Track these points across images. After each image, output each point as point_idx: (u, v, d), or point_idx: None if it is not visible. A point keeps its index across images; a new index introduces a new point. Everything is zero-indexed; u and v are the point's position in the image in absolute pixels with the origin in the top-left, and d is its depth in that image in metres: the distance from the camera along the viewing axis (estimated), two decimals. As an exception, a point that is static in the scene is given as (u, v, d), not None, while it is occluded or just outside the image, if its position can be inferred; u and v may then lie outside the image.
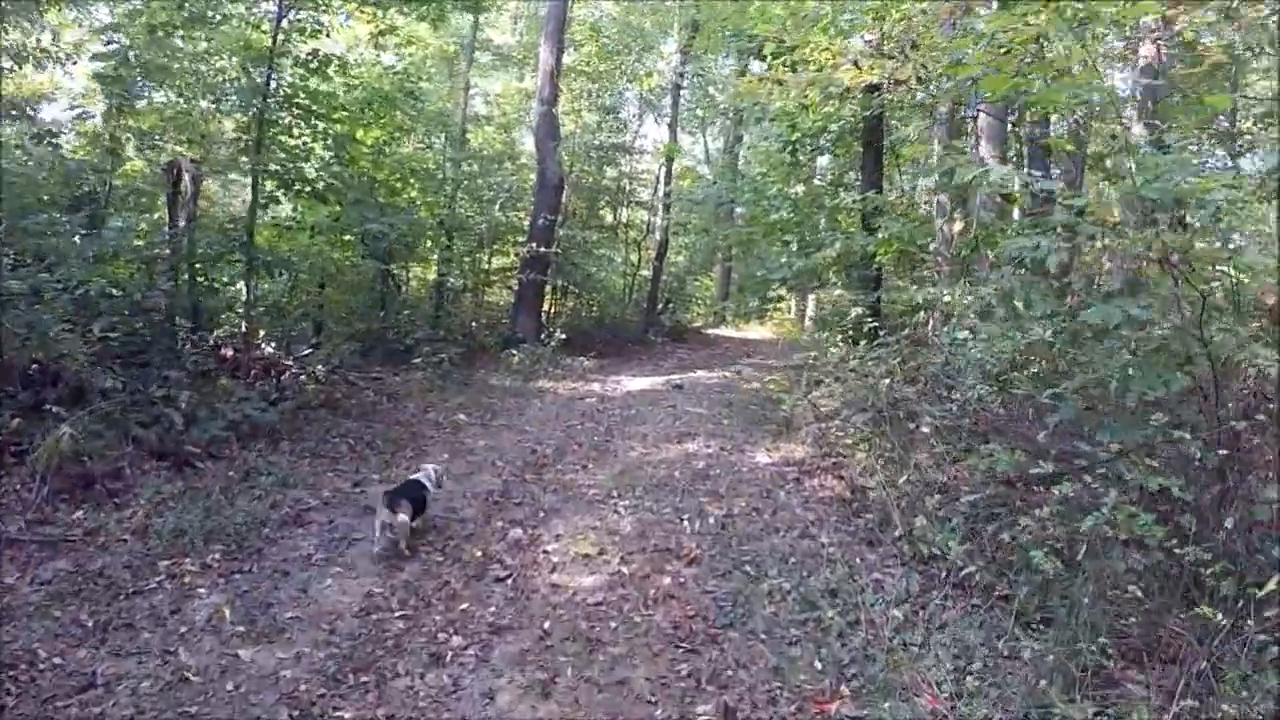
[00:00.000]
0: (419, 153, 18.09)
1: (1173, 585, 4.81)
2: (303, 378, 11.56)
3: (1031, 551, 4.95)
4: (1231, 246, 5.07)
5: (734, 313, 27.48)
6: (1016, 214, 12.13)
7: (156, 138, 11.86)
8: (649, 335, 21.57)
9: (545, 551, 6.72)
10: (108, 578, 5.90)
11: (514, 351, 15.38)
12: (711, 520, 7.36)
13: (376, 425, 10.44)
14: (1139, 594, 4.57)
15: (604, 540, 6.93)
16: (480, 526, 7.32)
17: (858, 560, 6.36)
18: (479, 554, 6.67)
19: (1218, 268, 5.44)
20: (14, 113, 11.83)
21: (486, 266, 20.96)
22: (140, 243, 10.82)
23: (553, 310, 20.62)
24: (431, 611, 5.74)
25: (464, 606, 5.79)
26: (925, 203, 16.13)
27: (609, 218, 24.63)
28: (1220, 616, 4.30)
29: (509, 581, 6.18)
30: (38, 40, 12.85)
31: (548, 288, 19.45)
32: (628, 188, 24.69)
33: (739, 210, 22.21)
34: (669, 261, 25.76)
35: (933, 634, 5.20)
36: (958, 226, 9.64)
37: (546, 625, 5.53)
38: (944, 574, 5.86)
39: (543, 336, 16.35)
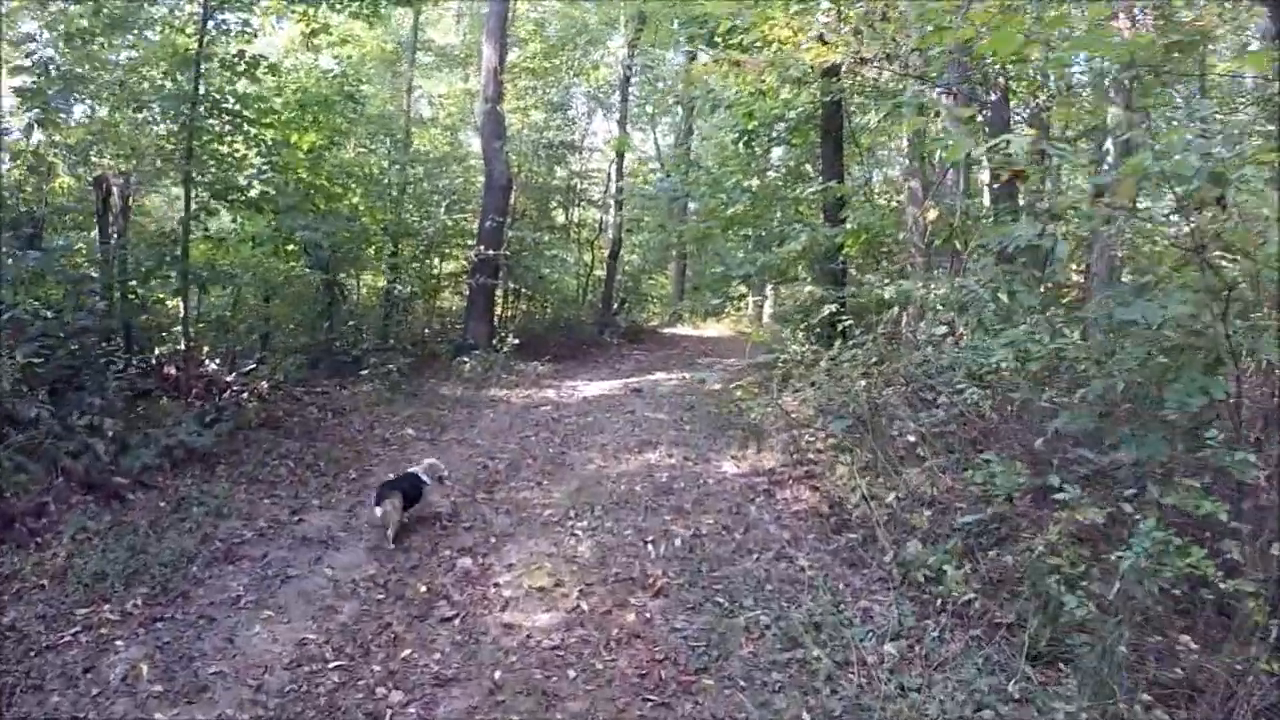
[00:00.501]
0: (360, 157, 17.34)
1: (1211, 617, 4.29)
2: (245, 395, 10.99)
3: (1064, 598, 4.39)
4: (1259, 231, 4.50)
5: (691, 311, 26.93)
6: (987, 200, 11.66)
7: (90, 152, 11.09)
8: (605, 336, 20.97)
9: (496, 584, 6.10)
10: (19, 631, 5.33)
11: (466, 359, 14.82)
12: (678, 542, 6.73)
13: (319, 444, 9.82)
14: (1190, 643, 4.02)
15: (561, 569, 6.30)
16: (426, 556, 6.71)
17: (841, 586, 5.77)
18: (424, 589, 6.06)
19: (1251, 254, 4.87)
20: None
21: (437, 272, 20.30)
22: (66, 262, 10.13)
23: (505, 314, 19.97)
24: (370, 660, 5.14)
25: (406, 653, 5.19)
26: (885, 194, 15.64)
27: (561, 218, 23.96)
28: (1259, 651, 3.81)
29: (456, 622, 5.56)
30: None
31: (499, 291, 18.80)
32: (579, 186, 24.08)
33: (692, 206, 21.68)
34: (623, 261, 25.19)
35: (933, 675, 4.64)
36: (931, 214, 9.08)
37: (497, 675, 4.93)
38: (939, 601, 5.30)
39: (495, 342, 15.73)
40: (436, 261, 19.96)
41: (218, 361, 12.16)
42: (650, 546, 6.67)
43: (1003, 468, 5.43)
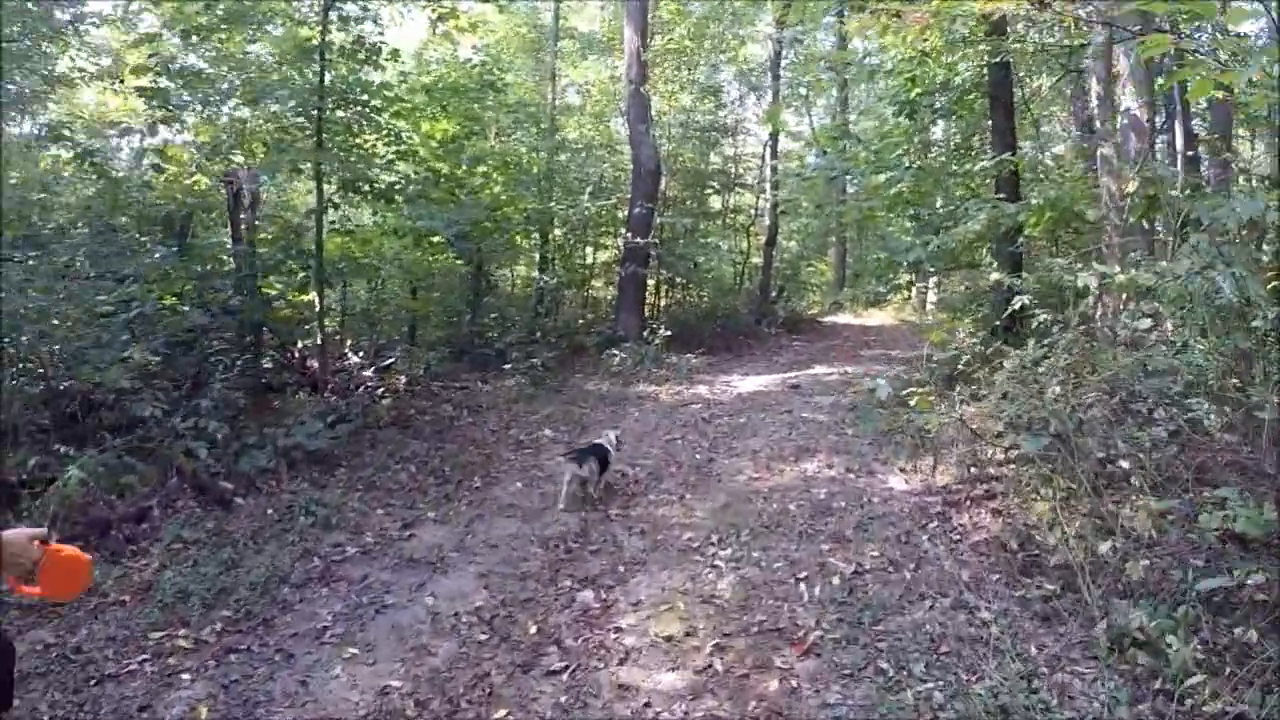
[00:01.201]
0: (504, 146, 16.79)
1: None
2: (380, 391, 10.66)
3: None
4: None
5: (852, 299, 25.68)
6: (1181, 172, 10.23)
7: (221, 147, 10.86)
8: (762, 327, 20.05)
9: (618, 629, 5.16)
10: (85, 655, 4.83)
11: (615, 351, 14.18)
12: (836, 581, 5.62)
13: (448, 446, 9.26)
14: None
15: (695, 613, 5.32)
16: (543, 586, 5.87)
17: (1033, 650, 4.52)
18: (534, 630, 5.20)
19: None
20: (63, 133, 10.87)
21: (589, 261, 19.80)
22: (199, 258, 10.17)
23: (659, 304, 19.24)
24: (456, 720, 4.31)
25: (499, 715, 4.32)
26: (1056, 170, 14.11)
27: (716, 204, 23.12)
28: None
29: (564, 677, 4.64)
30: (71, 60, 12.60)
31: (652, 281, 18.15)
32: (733, 171, 23.14)
33: (851, 188, 20.44)
34: (781, 247, 24.20)
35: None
36: (1131, 186, 7.71)
37: (602, 757, 4.02)
38: (1156, 679, 4.06)
39: (646, 333, 15.06)
40: (589, 251, 19.61)
41: (360, 354, 11.86)
42: (803, 586, 5.59)
43: (1247, 512, 4.20)
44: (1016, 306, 6.59)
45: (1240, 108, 11.35)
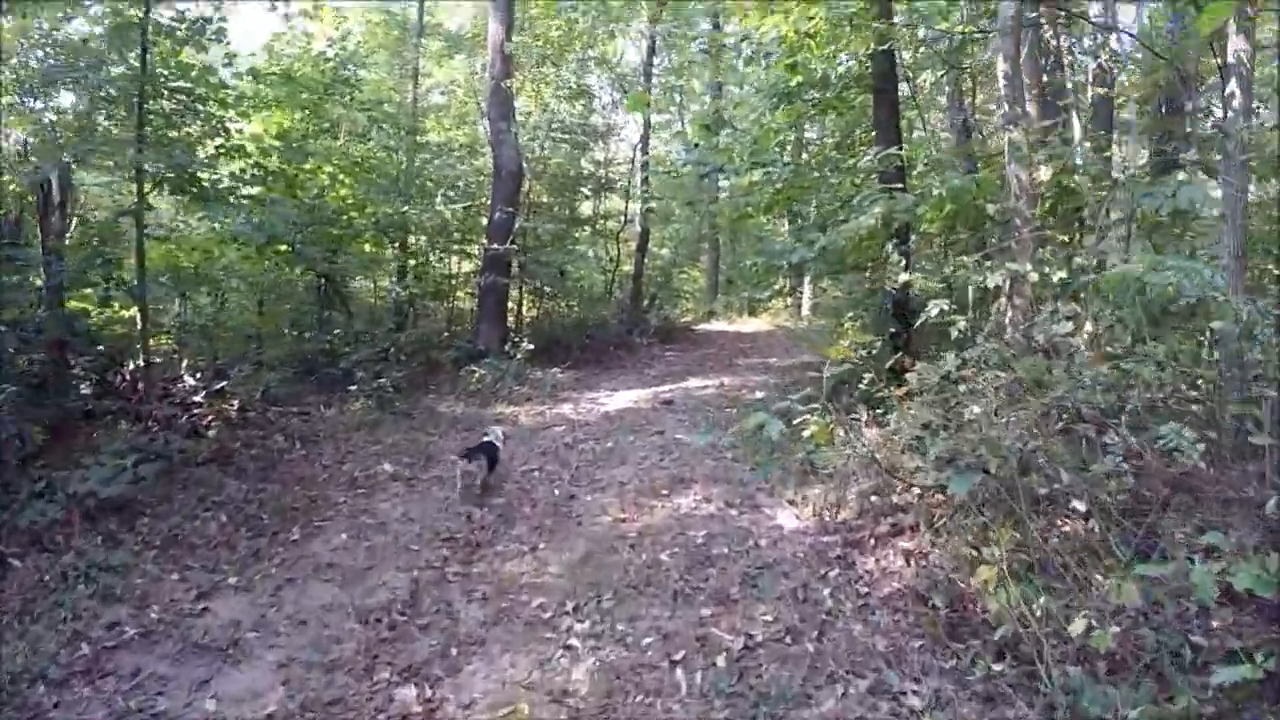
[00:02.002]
0: (357, 146, 15.34)
1: None
2: (209, 418, 9.46)
3: None
4: None
5: (726, 306, 24.97)
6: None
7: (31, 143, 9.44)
8: (634, 337, 18.96)
9: (445, 745, 3.96)
10: None
11: (475, 368, 12.92)
12: (720, 661, 4.48)
13: (270, 486, 7.93)
14: None
15: (542, 717, 4.12)
16: (356, 680, 4.61)
17: None
18: (337, 750, 3.96)
19: None
20: None
21: (452, 271, 18.39)
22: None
23: (522, 316, 18.01)
24: None
25: None
26: (934, 171, 13.47)
27: (585, 209, 22.08)
28: None
29: (367, 830, 3.44)
30: None
31: (515, 291, 16.98)
32: (603, 177, 22.10)
33: (724, 184, 19.57)
34: (652, 254, 23.35)
35: None
36: (1043, 174, 6.88)
37: None
38: None
39: (508, 348, 13.87)
40: (453, 260, 18.39)
41: (198, 375, 10.52)
42: (679, 671, 4.43)
43: (1250, 567, 3.24)
44: (934, 313, 5.56)
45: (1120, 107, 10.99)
